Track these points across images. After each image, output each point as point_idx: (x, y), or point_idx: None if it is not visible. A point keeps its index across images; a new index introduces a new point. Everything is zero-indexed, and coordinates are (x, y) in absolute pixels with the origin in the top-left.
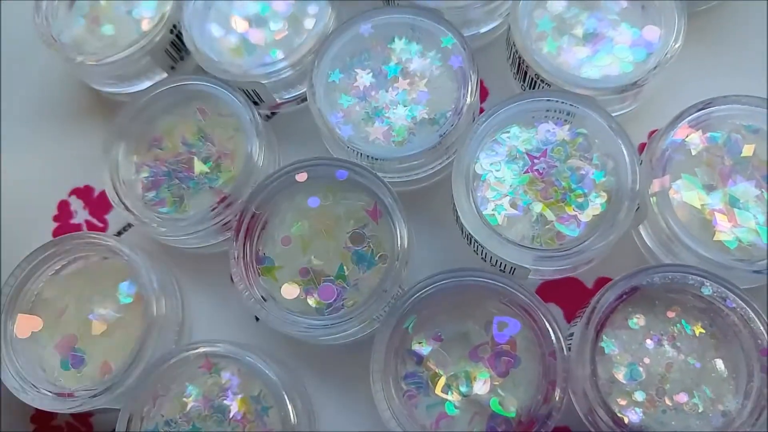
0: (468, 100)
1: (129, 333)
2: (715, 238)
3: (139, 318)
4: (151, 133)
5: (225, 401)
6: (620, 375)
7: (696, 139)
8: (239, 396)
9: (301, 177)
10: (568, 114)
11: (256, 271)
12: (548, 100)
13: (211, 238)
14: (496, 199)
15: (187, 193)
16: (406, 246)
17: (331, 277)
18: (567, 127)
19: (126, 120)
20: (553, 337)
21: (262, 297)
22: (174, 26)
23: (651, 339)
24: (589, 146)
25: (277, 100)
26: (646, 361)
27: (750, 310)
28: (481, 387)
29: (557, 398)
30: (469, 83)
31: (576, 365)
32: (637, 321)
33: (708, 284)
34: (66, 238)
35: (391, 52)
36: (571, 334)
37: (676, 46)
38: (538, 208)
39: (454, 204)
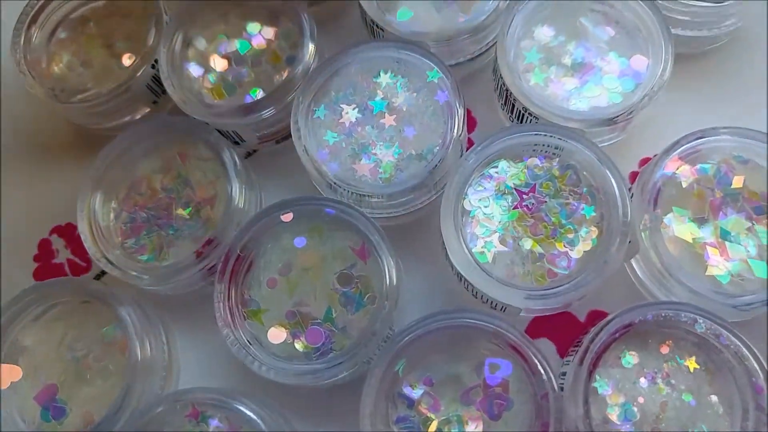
0: (455, 134)
1: (113, 380)
2: (707, 273)
3: (123, 364)
4: (130, 178)
5: None
6: (614, 416)
7: (686, 171)
8: None
9: (287, 217)
10: (556, 148)
11: (242, 315)
12: (536, 134)
13: (195, 284)
14: (485, 235)
15: (167, 241)
16: (395, 286)
17: (319, 320)
18: (556, 161)
19: (103, 166)
20: (545, 378)
21: (247, 341)
22: (156, 61)
23: (645, 377)
24: (578, 180)
25: (257, 139)
26: (641, 400)
27: (744, 348)
28: (473, 430)
29: None
30: (456, 118)
31: (569, 405)
32: (631, 359)
33: (701, 321)
34: (45, 284)
35: (377, 86)
36: (564, 373)
37: (664, 78)
38: (528, 244)
39: (443, 241)
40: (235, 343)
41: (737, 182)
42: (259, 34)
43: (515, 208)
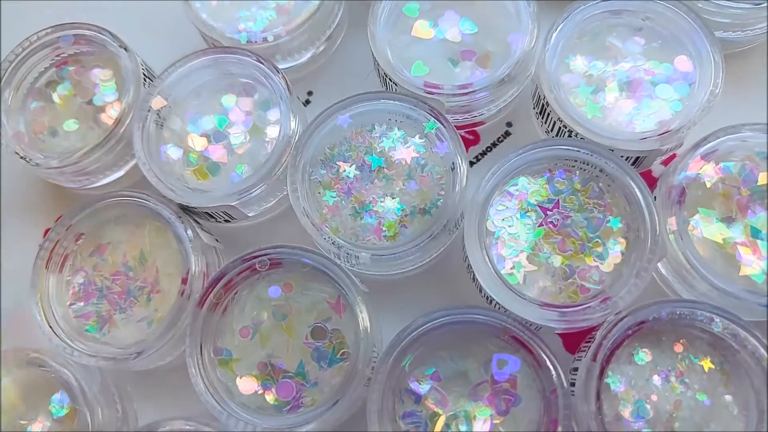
0: (459, 188)
1: None
2: (741, 273)
3: None
4: (100, 238)
5: None
6: (627, 412)
7: (710, 171)
8: None
9: (262, 266)
10: (575, 161)
11: (213, 363)
12: (552, 148)
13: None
14: (512, 256)
15: (112, 319)
16: (370, 342)
17: (291, 374)
18: (576, 174)
19: (79, 214)
20: (554, 374)
21: (218, 391)
22: None
23: (658, 375)
24: (601, 192)
25: (248, 214)
26: (654, 398)
27: (762, 348)
28: (481, 426)
29: None
30: (459, 169)
31: (581, 402)
32: (644, 356)
33: (718, 320)
34: None
35: (373, 141)
36: (576, 369)
37: (720, 75)
38: (557, 261)
39: (468, 263)
40: (205, 391)
41: (763, 179)
42: (236, 107)
43: (540, 225)
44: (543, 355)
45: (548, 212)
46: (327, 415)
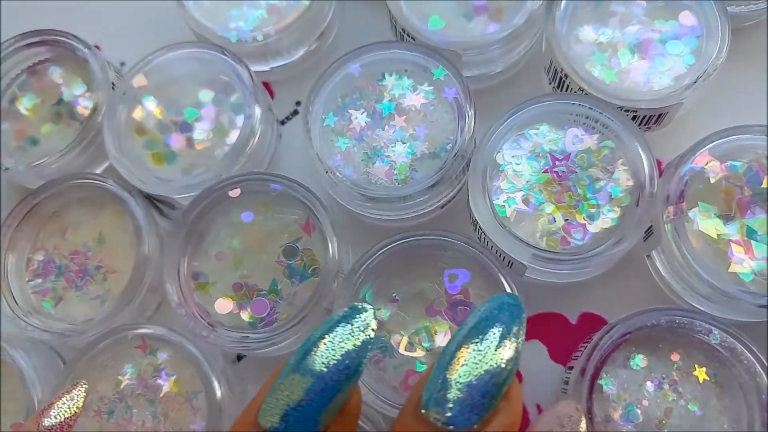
0: (467, 130)
1: None
2: (730, 270)
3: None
4: (64, 219)
5: (158, 381)
6: (616, 415)
7: (716, 167)
8: (172, 377)
9: (234, 193)
10: (596, 122)
11: (190, 287)
12: (581, 105)
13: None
14: (510, 191)
15: (67, 295)
16: (337, 259)
17: (264, 291)
18: (596, 136)
19: (41, 196)
20: (504, 283)
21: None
22: None
23: (652, 381)
24: (613, 160)
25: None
26: (645, 403)
27: (758, 364)
28: (442, 339)
29: None
30: (466, 113)
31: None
32: (639, 362)
33: (716, 332)
34: None
35: (383, 89)
36: (571, 368)
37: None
38: (549, 209)
39: (468, 189)
40: (185, 314)
41: (766, 182)
42: (210, 103)
43: (545, 171)
44: (491, 264)
45: (557, 162)
46: (298, 329)
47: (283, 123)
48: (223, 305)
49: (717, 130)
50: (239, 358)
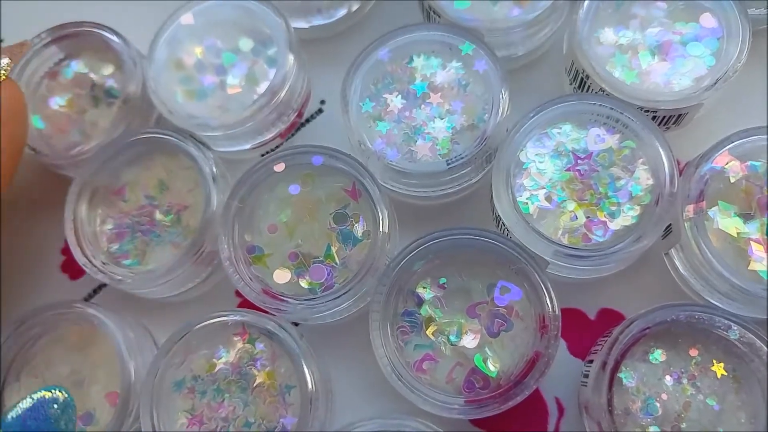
0: (503, 97)
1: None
2: (749, 267)
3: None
4: (115, 185)
5: (252, 370)
6: (636, 408)
7: (736, 167)
8: (267, 368)
9: (279, 167)
10: (617, 122)
11: (247, 261)
12: (602, 105)
13: (182, 286)
14: (533, 189)
15: (150, 247)
16: (387, 220)
17: (320, 258)
18: (617, 136)
19: (88, 174)
20: (550, 313)
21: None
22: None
23: (671, 375)
24: (633, 159)
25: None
26: (664, 397)
27: None
28: (470, 341)
29: (538, 370)
30: (500, 83)
31: (593, 394)
32: (658, 356)
33: (735, 328)
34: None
35: (413, 71)
36: (591, 361)
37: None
38: (571, 206)
39: (491, 185)
40: (246, 287)
41: None
42: (249, 52)
43: (568, 170)
44: (545, 293)
45: (579, 160)
46: (357, 289)
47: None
48: (282, 275)
49: (737, 131)
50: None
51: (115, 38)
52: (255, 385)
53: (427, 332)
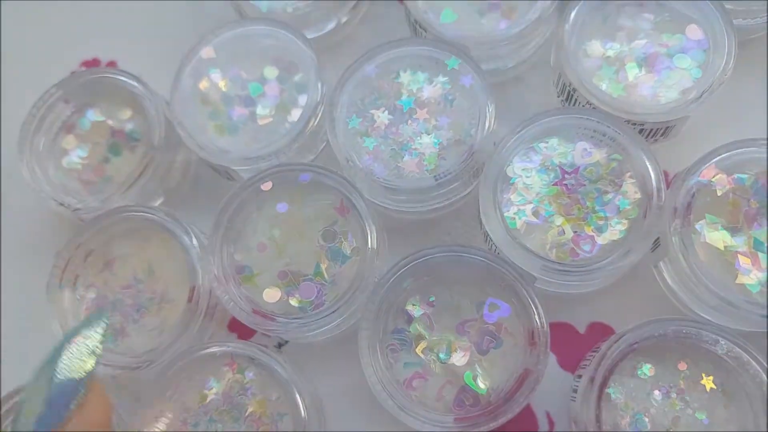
0: (489, 113)
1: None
2: (737, 281)
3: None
4: (107, 254)
5: (244, 400)
6: (624, 422)
7: (723, 180)
8: (258, 397)
9: (266, 186)
10: (605, 136)
11: (237, 282)
12: (589, 119)
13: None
14: (520, 204)
15: (124, 332)
16: (376, 236)
17: (310, 276)
18: (604, 150)
19: (87, 234)
20: (539, 329)
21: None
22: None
23: (659, 390)
24: (620, 173)
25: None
26: (653, 411)
27: (764, 374)
28: (459, 359)
29: (528, 386)
30: (485, 99)
31: (582, 409)
32: (646, 371)
33: (723, 342)
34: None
35: (400, 86)
36: (580, 376)
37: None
38: (558, 221)
39: (479, 201)
40: (236, 307)
41: None
42: (274, 81)
43: (555, 184)
44: (534, 309)
45: (567, 175)
46: (347, 306)
47: None
48: (272, 294)
49: (724, 144)
50: (279, 345)
51: (131, 81)
52: (247, 414)
53: (417, 350)
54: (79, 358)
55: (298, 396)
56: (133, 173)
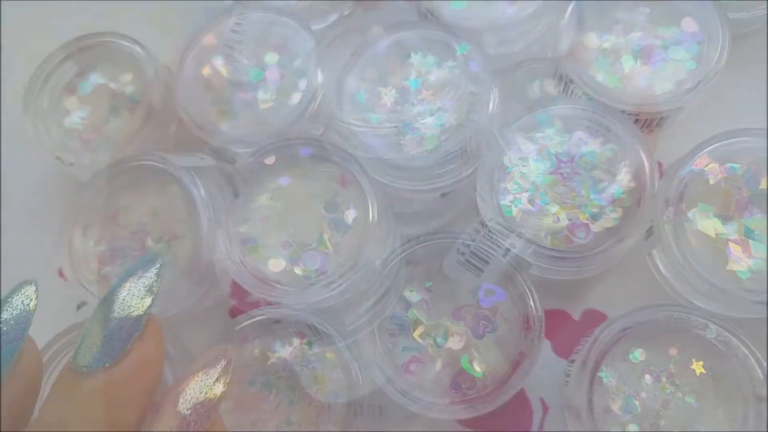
0: (491, 105)
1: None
2: (728, 268)
3: None
4: (111, 208)
5: (304, 371)
6: (616, 406)
7: (715, 169)
8: (318, 372)
9: (270, 160)
10: (600, 126)
11: (242, 253)
12: (584, 109)
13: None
14: (516, 192)
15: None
16: (377, 206)
17: (313, 245)
18: (600, 140)
19: (87, 195)
20: (533, 314)
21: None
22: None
23: (650, 374)
24: (615, 162)
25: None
26: (643, 395)
27: (752, 358)
28: (456, 343)
29: (523, 370)
30: (489, 85)
31: (574, 393)
32: (638, 355)
33: (713, 327)
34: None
35: (409, 66)
36: (573, 361)
37: (726, 31)
38: (553, 209)
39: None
40: (243, 277)
41: (765, 183)
42: (275, 66)
43: (551, 173)
44: (529, 295)
45: (563, 164)
46: (350, 276)
47: None
48: (276, 264)
49: (717, 133)
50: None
51: (134, 47)
52: (303, 385)
53: (415, 335)
54: (138, 296)
55: (357, 382)
56: (131, 131)
